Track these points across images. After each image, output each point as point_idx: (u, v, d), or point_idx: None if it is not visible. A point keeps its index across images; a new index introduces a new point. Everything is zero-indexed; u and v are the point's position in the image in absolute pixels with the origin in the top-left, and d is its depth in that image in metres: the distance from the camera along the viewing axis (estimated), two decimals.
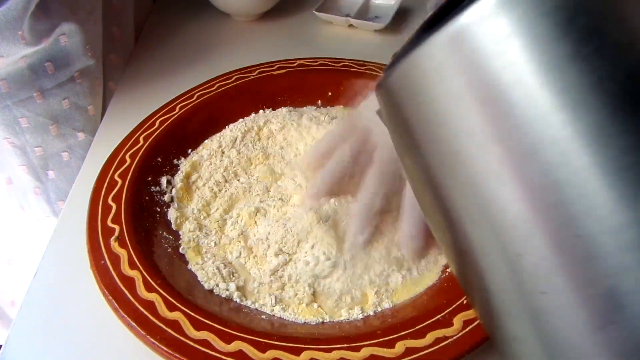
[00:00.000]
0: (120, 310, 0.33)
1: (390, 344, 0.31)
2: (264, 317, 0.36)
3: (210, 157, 0.49)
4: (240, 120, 0.52)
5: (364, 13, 0.76)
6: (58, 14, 0.50)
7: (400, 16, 0.76)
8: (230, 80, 0.53)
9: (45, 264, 0.41)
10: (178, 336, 0.31)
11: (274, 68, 0.55)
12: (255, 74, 0.54)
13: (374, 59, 0.57)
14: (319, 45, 0.71)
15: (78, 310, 0.38)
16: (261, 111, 0.53)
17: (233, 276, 0.39)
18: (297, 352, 0.31)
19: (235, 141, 0.50)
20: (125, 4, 0.65)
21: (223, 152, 0.49)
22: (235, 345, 0.31)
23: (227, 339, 0.32)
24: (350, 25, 0.73)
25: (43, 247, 0.42)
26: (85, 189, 0.43)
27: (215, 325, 0.32)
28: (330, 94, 0.55)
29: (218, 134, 0.51)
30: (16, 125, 0.52)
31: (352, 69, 0.55)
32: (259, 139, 0.50)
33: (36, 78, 0.50)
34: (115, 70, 0.63)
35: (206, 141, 0.51)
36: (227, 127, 0.51)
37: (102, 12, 0.57)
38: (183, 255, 0.40)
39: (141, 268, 0.36)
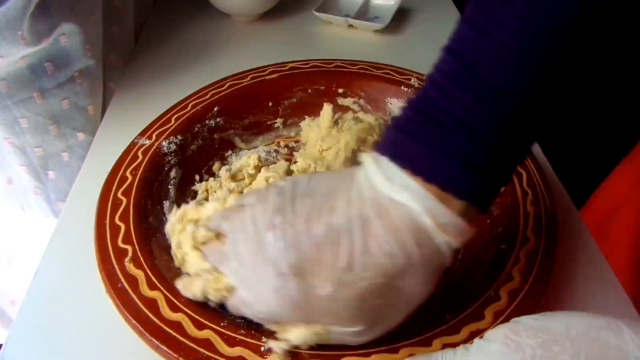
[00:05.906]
0: (147, 334, 0.31)
1: (427, 343, 0.31)
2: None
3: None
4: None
5: (363, 13, 0.76)
6: (58, 14, 0.50)
7: (400, 16, 0.76)
8: (224, 88, 0.52)
9: (45, 264, 0.41)
10: (211, 354, 0.30)
11: (266, 72, 0.55)
12: (247, 79, 0.54)
13: (373, 59, 0.57)
14: (318, 45, 0.72)
15: (78, 310, 0.38)
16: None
17: None
18: (336, 358, 0.30)
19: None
20: (125, 4, 0.65)
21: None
22: (271, 359, 0.30)
23: (262, 353, 0.31)
24: (350, 26, 0.73)
25: (43, 247, 0.42)
26: (85, 189, 0.43)
27: (248, 340, 0.31)
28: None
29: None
30: (16, 125, 0.52)
31: (344, 69, 0.55)
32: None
33: (36, 78, 0.50)
34: (115, 70, 0.63)
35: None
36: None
37: (102, 12, 0.57)
38: None
39: (162, 288, 0.34)
